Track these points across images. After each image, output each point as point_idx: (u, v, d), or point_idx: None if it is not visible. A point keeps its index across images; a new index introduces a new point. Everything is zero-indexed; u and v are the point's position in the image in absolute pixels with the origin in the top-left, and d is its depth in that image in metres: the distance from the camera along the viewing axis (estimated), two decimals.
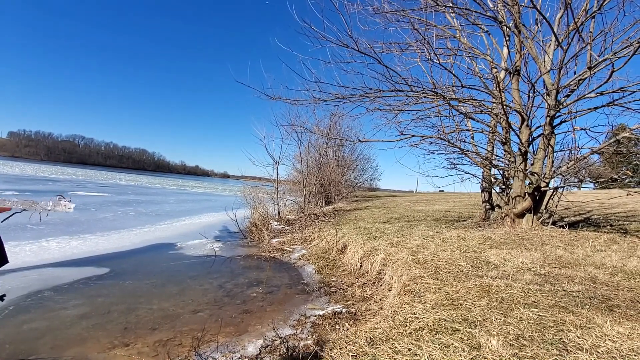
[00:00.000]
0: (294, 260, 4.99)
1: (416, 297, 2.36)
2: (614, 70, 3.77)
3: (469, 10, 4.68)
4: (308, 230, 6.85)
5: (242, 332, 2.55)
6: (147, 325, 2.59)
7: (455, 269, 3.00)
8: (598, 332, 1.71)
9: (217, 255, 5.16)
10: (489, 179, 6.07)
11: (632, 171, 6.87)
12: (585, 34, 4.14)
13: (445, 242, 4.13)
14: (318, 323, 2.61)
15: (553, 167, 4.78)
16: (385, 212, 9.31)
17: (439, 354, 1.54)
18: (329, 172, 12.64)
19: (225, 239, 6.89)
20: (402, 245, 4.12)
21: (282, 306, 3.10)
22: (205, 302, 3.14)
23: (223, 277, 4.04)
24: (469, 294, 2.31)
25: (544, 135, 4.79)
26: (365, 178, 22.46)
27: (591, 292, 2.32)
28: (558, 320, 1.86)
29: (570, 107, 4.57)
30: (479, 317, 1.93)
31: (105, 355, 2.15)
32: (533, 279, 2.65)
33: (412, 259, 3.43)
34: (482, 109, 5.41)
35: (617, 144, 4.47)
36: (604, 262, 3.12)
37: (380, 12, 4.60)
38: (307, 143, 11.76)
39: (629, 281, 2.61)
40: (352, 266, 4.16)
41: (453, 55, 5.14)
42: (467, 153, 5.37)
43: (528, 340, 1.64)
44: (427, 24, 4.63)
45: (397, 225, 6.00)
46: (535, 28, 5.01)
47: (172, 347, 2.29)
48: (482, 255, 3.43)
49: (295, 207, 10.71)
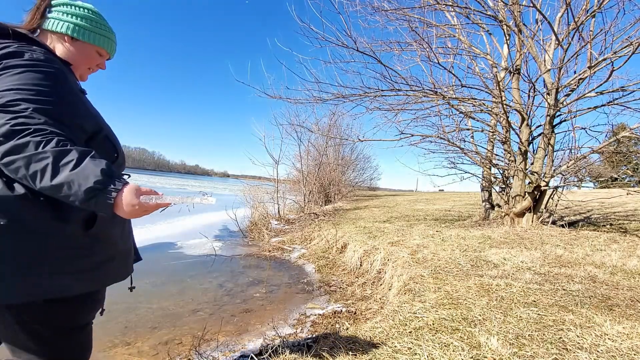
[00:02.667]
0: (294, 259, 4.99)
1: (416, 296, 2.36)
2: (614, 69, 3.77)
3: (469, 8, 4.68)
4: (308, 229, 6.85)
5: (242, 331, 2.55)
6: (147, 324, 2.59)
7: (455, 268, 3.01)
8: (598, 331, 1.71)
9: (217, 255, 5.17)
10: (489, 178, 6.07)
11: (632, 170, 6.87)
12: (585, 33, 4.14)
13: (445, 241, 4.14)
14: (318, 322, 2.61)
15: (553, 166, 4.78)
16: (385, 211, 9.32)
17: (438, 352, 1.54)
18: (328, 171, 12.64)
19: (225, 238, 6.89)
20: (402, 244, 4.12)
21: (282, 305, 3.11)
22: (206, 301, 3.14)
23: (223, 276, 4.04)
24: (469, 293, 2.31)
25: (544, 135, 4.79)
26: (365, 177, 22.49)
27: (591, 291, 2.33)
28: (558, 319, 1.86)
29: (570, 107, 4.57)
30: (478, 316, 1.93)
31: (106, 354, 2.16)
32: (533, 278, 2.65)
33: (412, 258, 3.44)
34: (482, 108, 5.41)
35: (617, 143, 4.47)
36: (603, 261, 3.13)
37: (379, 10, 4.60)
38: (307, 142, 11.78)
39: (629, 280, 2.62)
40: (352, 265, 4.17)
41: (453, 55, 5.13)
42: (467, 152, 5.37)
43: (528, 339, 1.65)
44: (427, 23, 4.63)
45: (397, 225, 6.01)
46: (536, 27, 5.01)
47: (173, 346, 2.29)
48: (482, 255, 3.43)
49: (295, 206, 10.71)
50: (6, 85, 0.79)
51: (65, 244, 0.88)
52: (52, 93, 0.84)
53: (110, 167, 0.78)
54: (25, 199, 0.82)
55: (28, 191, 0.82)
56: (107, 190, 0.74)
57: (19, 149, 0.72)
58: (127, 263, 1.10)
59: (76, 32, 1.02)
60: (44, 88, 0.83)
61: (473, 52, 5.36)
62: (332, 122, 11.56)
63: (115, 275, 1.04)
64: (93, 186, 0.73)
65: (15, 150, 0.72)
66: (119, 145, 1.07)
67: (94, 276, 0.95)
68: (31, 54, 0.87)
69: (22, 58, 0.85)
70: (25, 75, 0.82)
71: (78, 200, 0.74)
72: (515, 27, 4.72)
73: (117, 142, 1.06)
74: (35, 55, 0.88)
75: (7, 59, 0.84)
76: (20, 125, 0.74)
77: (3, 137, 0.73)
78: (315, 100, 5.26)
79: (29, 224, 0.82)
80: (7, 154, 0.73)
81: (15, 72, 0.82)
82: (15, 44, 0.89)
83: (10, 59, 0.84)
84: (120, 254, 1.04)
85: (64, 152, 0.74)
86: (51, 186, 0.73)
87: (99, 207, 0.76)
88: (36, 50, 0.90)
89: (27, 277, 0.82)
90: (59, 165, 0.73)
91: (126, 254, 1.09)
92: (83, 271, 0.92)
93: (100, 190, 0.74)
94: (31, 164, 0.72)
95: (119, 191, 0.76)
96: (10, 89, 0.78)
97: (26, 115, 0.76)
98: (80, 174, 0.73)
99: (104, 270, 0.98)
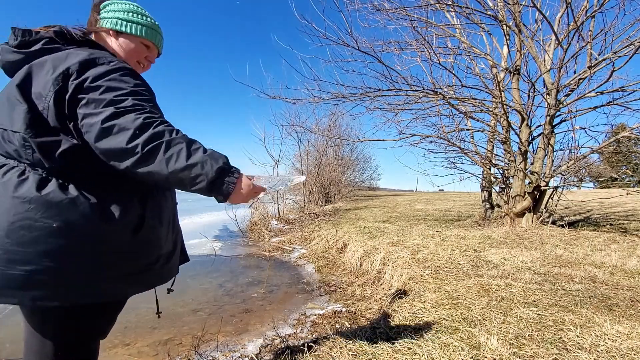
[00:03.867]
0: (293, 259, 4.99)
1: (416, 297, 2.36)
2: (614, 70, 3.78)
3: (469, 8, 4.68)
4: (308, 229, 6.85)
5: (242, 331, 2.55)
6: (147, 324, 2.59)
7: (455, 268, 3.01)
8: (598, 331, 1.71)
9: (217, 255, 5.16)
10: (489, 178, 6.07)
11: (632, 170, 6.87)
12: (585, 33, 4.14)
13: (445, 241, 4.13)
14: (318, 322, 2.61)
15: (553, 166, 4.78)
16: (385, 211, 9.32)
17: (438, 352, 1.54)
18: (328, 171, 12.64)
19: (225, 238, 6.89)
20: (402, 244, 4.12)
21: (282, 305, 3.10)
22: (205, 302, 3.14)
23: (223, 276, 4.04)
24: (469, 293, 2.31)
25: (543, 135, 4.79)
26: (365, 177, 22.46)
27: (591, 291, 2.33)
28: (558, 319, 1.86)
29: (570, 107, 4.57)
30: (478, 316, 1.93)
31: (106, 354, 2.16)
32: (533, 278, 2.65)
33: (411, 258, 3.43)
34: (482, 109, 5.41)
35: (616, 144, 4.47)
36: (603, 261, 3.13)
37: (380, 9, 4.60)
38: (306, 142, 11.77)
39: (629, 280, 2.61)
40: (351, 265, 4.17)
41: (453, 55, 5.13)
42: (466, 152, 5.37)
43: (527, 340, 1.65)
44: (427, 23, 4.63)
45: (397, 225, 6.01)
46: (535, 27, 5.01)
47: (172, 346, 2.29)
48: (481, 255, 3.43)
49: (295, 206, 10.71)
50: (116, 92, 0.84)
51: (114, 248, 0.89)
52: (147, 92, 0.92)
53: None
54: (77, 202, 0.84)
55: (80, 194, 0.85)
56: (232, 170, 0.87)
57: (157, 136, 0.80)
58: (169, 265, 1.10)
59: (119, 25, 1.05)
60: (141, 88, 0.90)
61: (473, 53, 5.36)
62: (332, 122, 11.56)
63: (157, 279, 1.04)
64: (223, 166, 0.84)
65: (155, 137, 0.80)
66: None
67: (137, 280, 0.97)
68: (109, 59, 0.91)
69: (107, 64, 0.88)
70: (126, 80, 0.88)
71: (208, 179, 0.82)
72: (515, 27, 4.73)
73: None
74: (112, 58, 0.91)
75: (92, 67, 0.87)
76: (150, 119, 0.82)
77: (139, 129, 0.80)
78: (315, 100, 5.26)
79: (79, 227, 0.83)
80: (148, 142, 0.79)
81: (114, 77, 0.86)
82: (85, 50, 0.92)
83: (95, 67, 0.87)
84: (163, 257, 1.04)
85: (192, 139, 0.85)
86: (186, 165, 0.80)
87: (223, 187, 0.85)
88: (107, 54, 0.93)
89: (79, 279, 0.85)
90: (191, 149, 0.82)
91: (169, 256, 1.08)
92: (128, 275, 0.93)
93: (228, 170, 0.86)
94: (170, 147, 0.80)
95: (240, 175, 0.88)
96: (123, 94, 0.84)
97: (149, 111, 0.84)
98: (212, 156, 0.84)
99: (147, 274, 0.99)
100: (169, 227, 1.06)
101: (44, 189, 0.81)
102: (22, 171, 0.82)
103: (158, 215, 0.99)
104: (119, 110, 0.80)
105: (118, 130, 0.79)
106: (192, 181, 0.82)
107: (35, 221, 0.79)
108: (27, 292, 0.81)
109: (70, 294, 0.84)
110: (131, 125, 0.79)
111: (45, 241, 0.80)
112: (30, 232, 0.79)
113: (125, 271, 0.92)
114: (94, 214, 0.85)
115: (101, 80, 0.84)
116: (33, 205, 0.79)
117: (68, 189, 0.84)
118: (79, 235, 0.83)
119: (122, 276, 0.92)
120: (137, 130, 0.79)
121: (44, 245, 0.80)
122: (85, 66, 0.85)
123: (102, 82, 0.84)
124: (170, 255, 1.09)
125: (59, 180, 0.84)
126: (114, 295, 0.92)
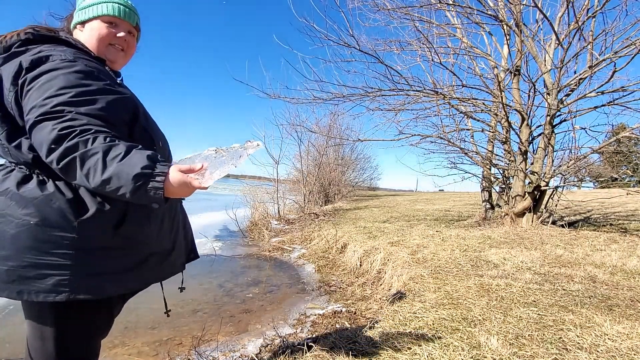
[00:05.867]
0: (293, 259, 4.99)
1: (416, 296, 2.36)
2: (615, 70, 3.77)
3: (470, 8, 4.67)
4: (308, 229, 6.85)
5: (242, 331, 2.55)
6: (147, 324, 2.59)
7: (455, 268, 3.01)
8: (597, 331, 1.71)
9: (217, 255, 5.16)
10: (489, 178, 6.06)
11: (632, 170, 6.87)
12: (586, 33, 4.13)
13: (445, 241, 4.13)
14: (318, 322, 2.61)
15: (553, 166, 4.78)
16: (385, 211, 9.32)
17: (438, 352, 1.54)
18: (328, 171, 12.63)
19: (225, 238, 6.89)
20: (402, 244, 4.12)
21: (282, 305, 3.10)
22: (205, 302, 3.14)
23: (223, 276, 4.04)
24: (469, 293, 2.31)
25: (544, 135, 4.78)
26: (365, 177, 22.44)
27: (591, 292, 2.32)
28: (558, 319, 1.86)
29: (571, 107, 4.56)
30: (478, 316, 1.93)
31: (106, 354, 2.16)
32: (533, 278, 2.65)
33: (412, 258, 3.43)
34: (482, 108, 5.41)
35: (617, 144, 4.47)
36: (603, 261, 3.12)
37: (382, 9, 4.60)
38: (307, 142, 11.76)
39: (629, 280, 2.61)
40: (351, 265, 4.17)
41: (453, 55, 5.13)
42: (467, 152, 5.37)
43: (527, 340, 1.65)
44: (428, 22, 4.63)
45: (397, 225, 6.00)
46: (536, 27, 5.01)
47: (172, 346, 2.29)
48: (482, 255, 3.43)
49: (295, 206, 10.70)
50: (46, 92, 0.81)
51: (97, 244, 0.88)
52: (89, 92, 0.85)
53: (156, 154, 0.78)
54: (52, 198, 0.84)
55: (57, 190, 0.85)
56: (154, 174, 0.73)
57: (69, 151, 0.74)
58: (167, 263, 1.07)
59: (78, 17, 1.05)
60: (80, 88, 0.84)
61: (474, 52, 5.36)
62: (332, 122, 11.55)
63: (152, 276, 1.02)
64: (140, 172, 0.72)
65: (67, 152, 0.74)
66: (159, 138, 1.05)
67: (128, 277, 0.95)
68: (61, 55, 0.88)
69: (54, 62, 0.86)
70: (62, 79, 0.83)
71: (129, 191, 0.73)
72: (515, 26, 4.72)
73: (155, 134, 1.04)
74: (65, 55, 0.89)
75: (40, 65, 0.85)
76: (67, 129, 0.75)
77: (54, 143, 0.75)
78: (315, 100, 5.26)
79: (55, 223, 0.83)
80: (62, 158, 0.75)
81: (51, 76, 0.83)
82: (46, 47, 0.90)
83: (43, 65, 0.85)
84: (156, 255, 1.02)
85: (112, 146, 0.75)
86: (102, 181, 0.73)
87: (151, 194, 0.74)
88: (66, 51, 0.91)
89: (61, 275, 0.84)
90: (107, 159, 0.73)
91: (165, 254, 1.06)
92: (117, 271, 0.92)
93: (149, 175, 0.73)
94: (85, 161, 0.74)
95: (166, 174, 0.74)
96: (50, 96, 0.80)
97: (70, 118, 0.78)
98: (127, 164, 0.73)
99: (138, 271, 0.97)
100: (162, 225, 1.03)
101: (24, 186, 0.84)
102: (10, 170, 0.87)
103: (145, 212, 0.96)
104: (38, 118, 0.78)
105: (40, 143, 0.78)
106: (116, 194, 0.75)
107: (16, 218, 0.81)
108: (13, 286, 0.82)
109: (53, 290, 0.83)
110: (47, 138, 0.76)
111: (26, 237, 0.81)
112: (10, 228, 0.81)
113: (112, 267, 0.90)
114: (69, 210, 0.84)
115: (35, 82, 0.83)
116: (13, 202, 0.82)
117: (46, 185, 0.85)
118: (57, 231, 0.83)
119: (110, 272, 0.90)
120: (52, 145, 0.75)
121: (25, 242, 0.81)
122: (30, 66, 0.85)
123: (35, 82, 0.83)
124: (168, 254, 1.07)
125: (39, 177, 0.86)
126: (102, 291, 0.89)
